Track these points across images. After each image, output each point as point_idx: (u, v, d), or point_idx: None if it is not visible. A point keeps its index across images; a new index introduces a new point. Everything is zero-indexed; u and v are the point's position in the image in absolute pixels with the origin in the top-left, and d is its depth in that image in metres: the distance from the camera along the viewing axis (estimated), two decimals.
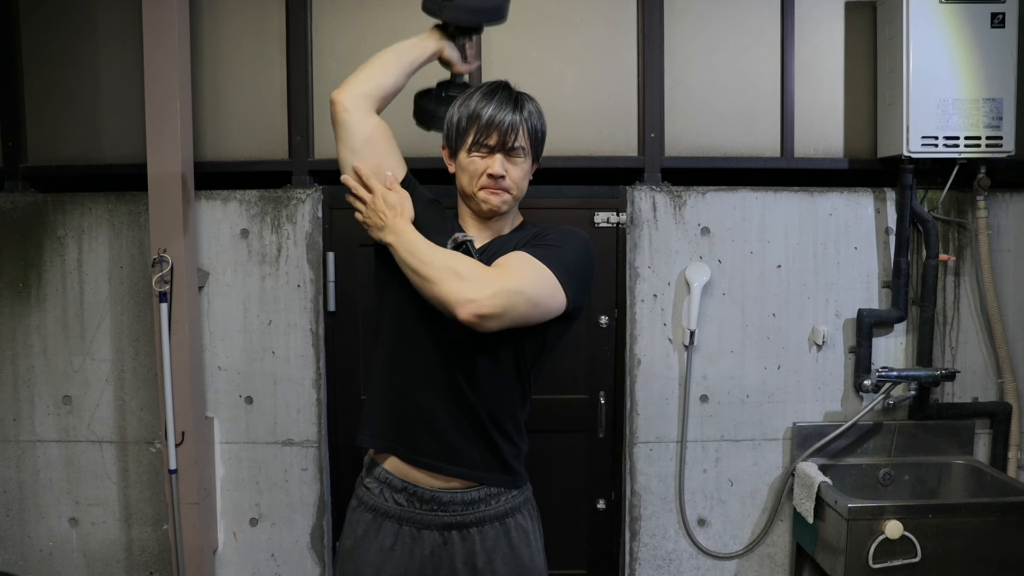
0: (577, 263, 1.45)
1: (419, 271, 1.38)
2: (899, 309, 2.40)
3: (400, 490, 1.49)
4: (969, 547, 2.07)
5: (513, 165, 1.49)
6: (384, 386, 1.53)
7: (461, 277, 1.33)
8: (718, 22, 2.47)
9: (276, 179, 2.46)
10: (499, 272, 1.36)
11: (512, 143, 1.47)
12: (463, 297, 1.32)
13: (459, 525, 1.48)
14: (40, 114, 2.49)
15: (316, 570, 2.46)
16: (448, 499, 1.48)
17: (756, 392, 2.45)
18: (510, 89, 1.52)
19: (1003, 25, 2.28)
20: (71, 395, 2.45)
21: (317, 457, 2.44)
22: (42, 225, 2.43)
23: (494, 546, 1.49)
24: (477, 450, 1.48)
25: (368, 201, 1.49)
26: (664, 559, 2.47)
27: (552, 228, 1.52)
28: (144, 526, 2.47)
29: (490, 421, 1.48)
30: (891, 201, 2.44)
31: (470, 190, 1.50)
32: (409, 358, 1.49)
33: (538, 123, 1.52)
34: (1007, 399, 2.45)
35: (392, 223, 1.46)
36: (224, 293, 2.42)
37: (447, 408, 1.47)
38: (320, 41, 2.45)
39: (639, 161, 2.46)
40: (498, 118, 1.45)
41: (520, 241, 1.50)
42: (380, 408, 1.53)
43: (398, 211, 1.47)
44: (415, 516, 1.48)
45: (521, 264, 1.39)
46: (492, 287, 1.32)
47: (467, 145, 1.49)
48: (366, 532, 1.51)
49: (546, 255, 1.41)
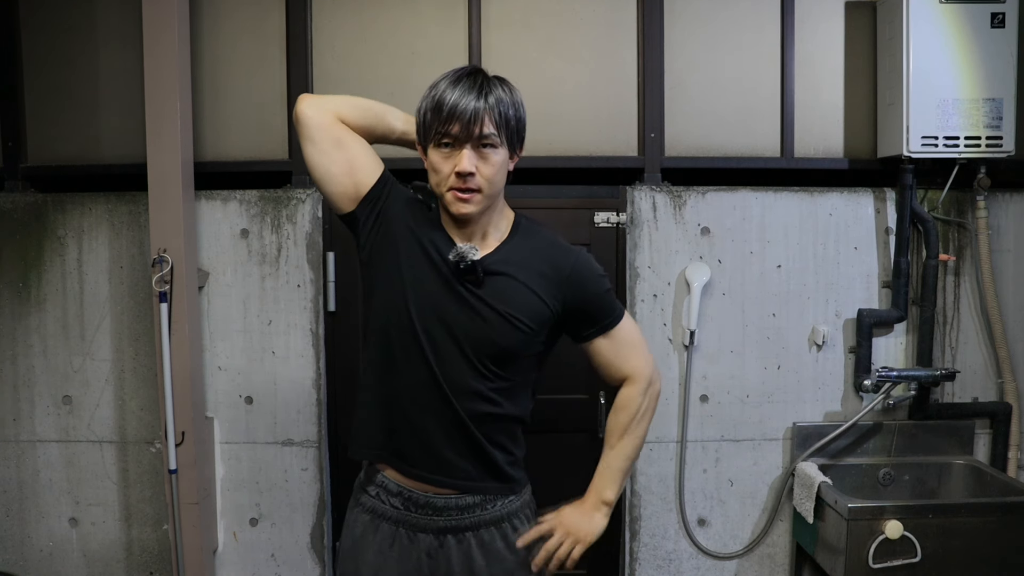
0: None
1: (640, 444, 1.59)
2: (899, 309, 2.40)
3: (396, 494, 1.48)
4: (969, 547, 2.07)
5: (483, 160, 1.35)
6: (373, 399, 1.48)
7: (648, 384, 1.54)
8: (718, 22, 2.47)
9: (276, 179, 2.46)
10: (645, 360, 1.55)
11: (478, 133, 1.33)
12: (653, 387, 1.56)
13: (454, 529, 1.46)
14: (40, 114, 2.49)
15: (316, 570, 2.46)
16: (443, 504, 1.45)
17: (756, 392, 2.45)
18: (478, 74, 1.38)
19: (1003, 25, 2.28)
20: (71, 395, 2.45)
21: (317, 457, 2.44)
22: (42, 225, 2.43)
23: (491, 550, 1.47)
24: (470, 462, 1.45)
25: (564, 553, 1.49)
26: (664, 559, 2.47)
27: (577, 268, 1.46)
28: (144, 526, 2.47)
29: (482, 435, 1.44)
30: (891, 201, 2.44)
31: (439, 191, 1.39)
32: (397, 373, 1.44)
33: (510, 110, 1.37)
34: (1007, 399, 2.45)
35: (595, 522, 1.54)
36: (224, 293, 2.42)
37: (437, 422, 1.43)
38: (320, 41, 2.45)
39: (639, 161, 2.46)
40: (460, 106, 1.32)
41: (540, 268, 1.43)
42: (370, 421, 1.49)
43: (578, 531, 1.50)
44: (411, 519, 1.47)
45: (641, 341, 1.57)
46: (653, 372, 1.57)
47: (432, 138, 1.37)
48: (364, 533, 1.50)
49: (623, 316, 1.53)
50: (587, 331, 1.50)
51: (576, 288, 1.45)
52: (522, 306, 1.41)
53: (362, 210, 1.46)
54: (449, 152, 1.36)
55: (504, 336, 1.40)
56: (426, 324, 1.40)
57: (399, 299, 1.42)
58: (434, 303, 1.41)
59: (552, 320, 1.45)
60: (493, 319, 1.40)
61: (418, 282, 1.42)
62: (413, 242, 1.44)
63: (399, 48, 2.44)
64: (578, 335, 1.51)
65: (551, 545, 1.48)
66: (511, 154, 1.41)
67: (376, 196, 1.46)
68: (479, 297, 1.40)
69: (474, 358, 1.40)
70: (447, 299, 1.41)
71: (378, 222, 1.46)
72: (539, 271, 1.44)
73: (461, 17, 2.43)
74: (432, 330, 1.40)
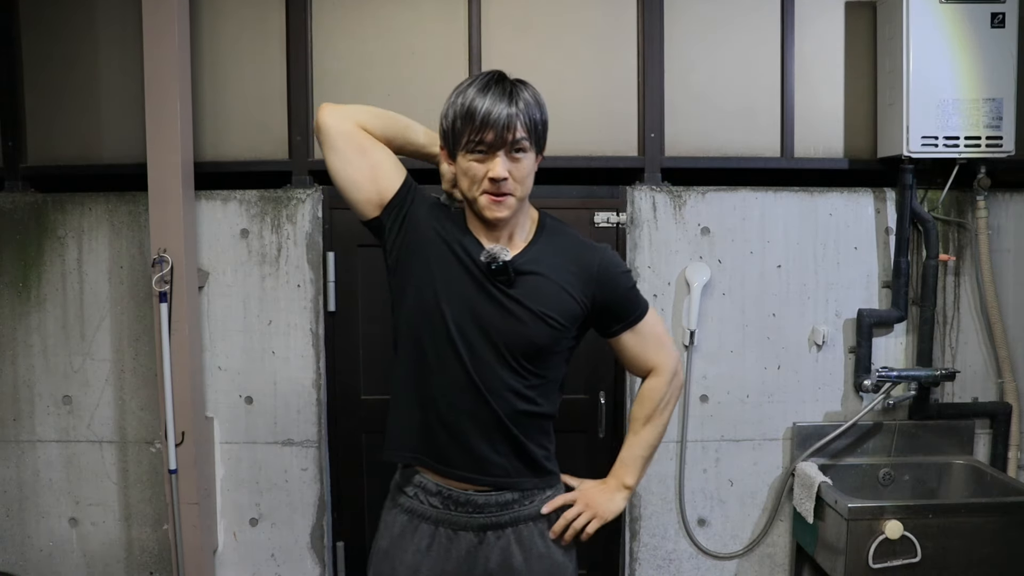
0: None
1: (662, 434, 1.65)
2: (899, 309, 2.40)
3: (435, 494, 1.49)
4: (969, 547, 2.07)
5: (516, 163, 1.39)
6: (407, 400, 1.49)
7: (672, 376, 1.61)
8: (718, 22, 2.47)
9: (276, 179, 2.46)
10: (670, 352, 1.62)
11: (511, 139, 1.37)
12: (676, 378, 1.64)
13: (495, 525, 1.48)
14: (40, 114, 2.49)
15: (316, 570, 2.46)
16: (483, 501, 1.48)
17: (756, 392, 2.45)
18: (504, 80, 1.41)
19: (1003, 25, 2.28)
20: (71, 395, 2.46)
21: (317, 457, 2.44)
22: (42, 225, 2.43)
23: (530, 545, 1.49)
24: (508, 459, 1.47)
25: (580, 523, 1.53)
26: (664, 559, 2.47)
27: (604, 265, 1.50)
28: (144, 526, 2.47)
29: (519, 432, 1.46)
30: (891, 201, 2.44)
31: (471, 196, 1.41)
32: (432, 373, 1.45)
33: (537, 113, 1.40)
34: (1007, 399, 2.45)
35: (614, 503, 1.59)
36: (224, 293, 2.42)
37: (474, 421, 1.45)
38: (320, 40, 2.45)
39: (639, 161, 2.46)
40: (493, 114, 1.34)
41: (569, 266, 1.47)
42: (405, 422, 1.50)
43: (597, 507, 1.55)
44: (451, 518, 1.48)
45: (666, 334, 1.64)
46: (677, 364, 1.64)
47: (463, 145, 1.39)
48: (402, 533, 1.50)
49: (648, 310, 1.59)
50: (615, 326, 1.55)
51: (604, 285, 1.50)
52: (554, 304, 1.45)
53: (387, 215, 1.48)
54: (482, 158, 1.39)
55: (538, 334, 1.44)
56: (460, 325, 1.42)
57: (431, 302, 1.43)
58: (468, 304, 1.43)
59: (582, 316, 1.49)
60: (526, 317, 1.43)
61: (450, 284, 1.44)
62: (442, 245, 1.46)
63: (399, 48, 2.44)
64: (606, 330, 1.56)
65: (571, 514, 1.53)
66: (537, 155, 1.45)
67: (400, 201, 1.48)
68: (511, 297, 1.43)
69: (509, 357, 1.43)
70: (480, 300, 1.43)
71: (404, 227, 1.48)
72: (568, 269, 1.48)
73: (461, 17, 2.43)
74: (466, 331, 1.42)
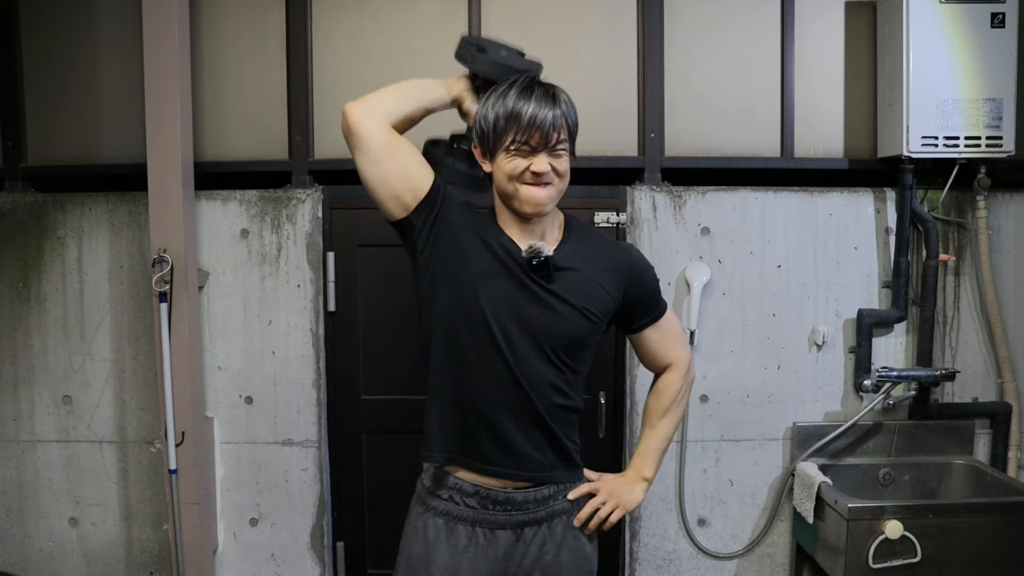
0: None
1: (677, 426, 1.72)
2: (899, 309, 2.40)
3: (472, 494, 1.50)
4: (969, 547, 2.07)
5: (556, 159, 1.44)
6: (443, 400, 1.51)
7: (687, 370, 1.68)
8: (718, 22, 2.47)
9: (276, 179, 2.46)
10: (685, 348, 1.70)
11: (556, 139, 1.42)
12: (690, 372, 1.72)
13: (532, 522, 1.51)
14: (40, 114, 2.49)
15: (316, 570, 2.46)
16: (522, 499, 1.50)
17: (756, 392, 2.45)
18: (544, 83, 1.47)
19: (1003, 25, 2.28)
20: (71, 395, 2.46)
21: (317, 457, 2.44)
22: (42, 225, 2.43)
23: (563, 539, 1.53)
24: (544, 454, 1.50)
25: (605, 512, 1.58)
26: (664, 559, 2.47)
27: (633, 261, 1.57)
28: (144, 526, 2.47)
29: (556, 426, 1.50)
30: (891, 201, 2.44)
31: (510, 188, 1.45)
32: (471, 369, 1.47)
33: (573, 115, 1.48)
34: (1007, 399, 2.45)
35: (635, 493, 1.65)
36: (224, 293, 2.42)
37: (513, 416, 1.47)
38: (320, 41, 2.45)
39: (639, 161, 2.46)
40: (540, 117, 1.40)
41: (601, 263, 1.53)
42: (442, 423, 1.51)
43: (619, 497, 1.60)
44: (489, 517, 1.50)
45: (682, 330, 1.72)
46: (690, 358, 1.71)
47: (506, 145, 1.43)
48: (438, 537, 1.51)
49: (668, 307, 1.67)
50: (640, 321, 1.61)
51: (636, 280, 1.56)
52: (592, 298, 1.50)
53: (418, 216, 1.49)
54: (523, 157, 1.43)
55: (577, 327, 1.48)
56: (501, 321, 1.44)
57: (470, 298, 1.45)
58: (508, 300, 1.46)
59: (615, 310, 1.55)
60: (567, 312, 1.47)
61: (489, 280, 1.46)
62: (479, 242, 1.48)
63: (399, 47, 2.44)
64: (631, 325, 1.62)
65: (596, 502, 1.58)
66: (571, 156, 1.50)
67: (432, 201, 1.49)
68: (551, 292, 1.47)
69: (550, 351, 1.47)
70: (520, 295, 1.46)
71: (436, 226, 1.49)
72: (600, 265, 1.53)
73: (461, 17, 2.43)
74: (507, 326, 1.44)
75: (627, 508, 1.62)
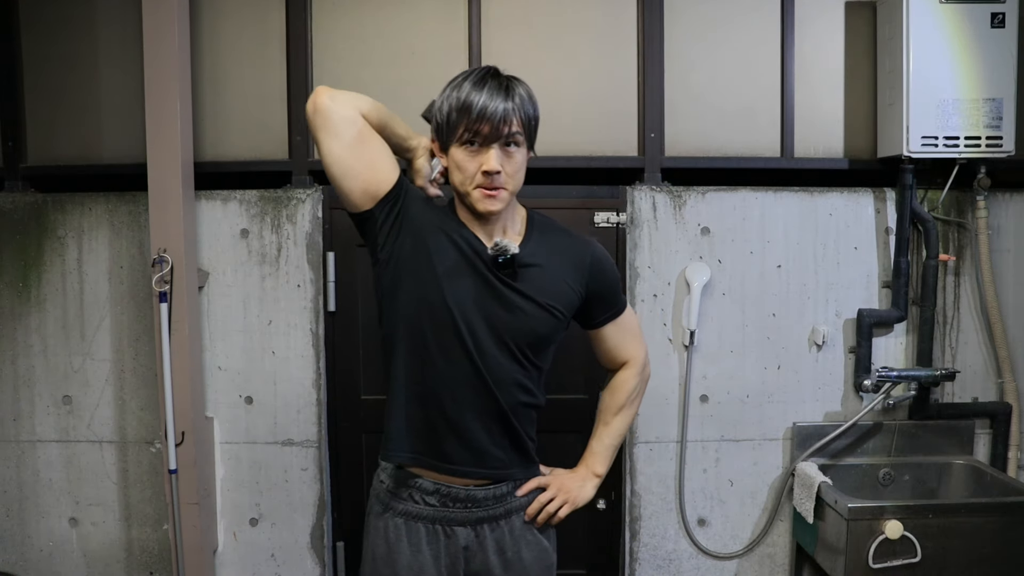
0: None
1: (630, 423, 1.73)
2: (899, 309, 2.40)
3: (433, 492, 1.50)
4: (969, 547, 2.07)
5: (508, 157, 1.42)
6: (405, 398, 1.50)
7: (643, 368, 1.70)
8: (718, 22, 2.47)
9: (276, 179, 2.46)
10: (642, 345, 1.71)
11: (506, 132, 1.39)
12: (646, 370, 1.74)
13: (491, 518, 1.52)
14: (40, 114, 2.49)
15: (316, 570, 2.46)
16: (483, 496, 1.51)
17: (756, 392, 2.45)
18: (500, 75, 1.43)
19: (1003, 25, 2.28)
20: (71, 395, 2.46)
21: (317, 457, 2.44)
22: (42, 225, 2.43)
23: (521, 535, 1.54)
24: (505, 450, 1.51)
25: (553, 507, 1.58)
26: (664, 559, 2.47)
27: (596, 257, 1.57)
28: (144, 526, 2.47)
29: (517, 423, 1.50)
30: (891, 201, 2.44)
31: (464, 189, 1.44)
32: (435, 367, 1.46)
33: (531, 108, 1.44)
34: (1007, 399, 2.45)
35: (585, 490, 1.63)
36: (224, 293, 2.42)
37: (476, 414, 1.47)
38: (320, 41, 2.45)
39: (639, 161, 2.46)
40: (490, 108, 1.37)
41: (564, 258, 1.53)
42: (403, 421, 1.50)
43: (569, 492, 1.59)
44: (449, 515, 1.50)
45: (639, 328, 1.74)
46: (647, 356, 1.73)
47: (458, 137, 1.41)
48: (399, 537, 1.51)
49: (627, 304, 1.68)
50: (601, 317, 1.61)
51: (597, 275, 1.56)
52: (556, 294, 1.50)
53: (380, 208, 1.47)
54: (475, 150, 1.41)
55: (543, 324, 1.48)
56: (468, 319, 1.44)
57: (434, 295, 1.44)
58: (473, 298, 1.45)
59: (577, 305, 1.55)
60: (533, 310, 1.47)
61: (454, 278, 1.45)
62: (443, 238, 1.47)
63: (399, 48, 2.44)
64: (591, 321, 1.61)
65: (544, 498, 1.56)
66: (528, 151, 1.47)
67: (396, 194, 1.47)
68: (516, 289, 1.46)
69: (516, 349, 1.47)
70: (486, 293, 1.45)
71: (399, 220, 1.47)
72: (563, 260, 1.52)
73: (461, 17, 2.43)
74: (474, 325, 1.44)
75: (576, 504, 1.61)
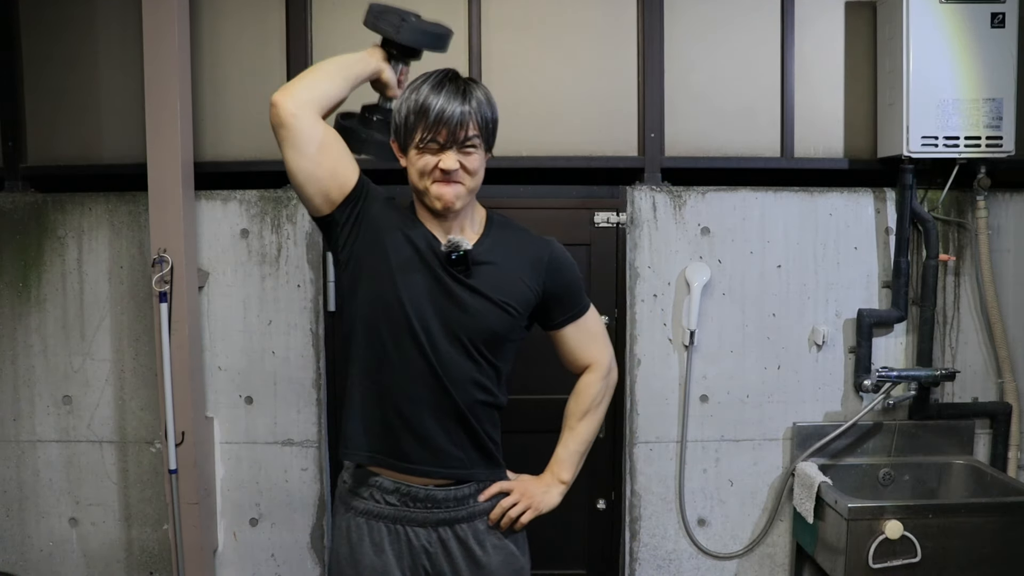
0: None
1: (597, 429, 1.67)
2: (899, 309, 2.40)
3: (392, 491, 1.49)
4: (969, 547, 2.07)
5: (465, 158, 1.42)
6: (363, 397, 1.49)
7: (607, 372, 1.66)
8: (718, 22, 2.47)
9: (276, 179, 2.46)
10: (606, 349, 1.67)
11: (463, 136, 1.40)
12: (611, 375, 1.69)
13: (451, 521, 1.49)
14: (40, 114, 2.49)
15: (316, 570, 2.46)
16: (443, 496, 1.49)
17: (756, 392, 2.45)
18: (458, 79, 1.44)
19: (1003, 25, 2.28)
20: (71, 395, 2.46)
21: (317, 457, 2.44)
22: (42, 225, 2.43)
23: (486, 539, 1.51)
24: (464, 450, 1.49)
25: (515, 513, 1.55)
26: (664, 559, 2.47)
27: (554, 255, 1.55)
28: (144, 526, 2.47)
29: (476, 423, 1.49)
30: (891, 201, 2.44)
31: (421, 186, 1.44)
32: (391, 365, 1.46)
33: (488, 111, 1.45)
34: (1007, 399, 2.45)
35: (550, 496, 1.60)
36: (224, 293, 2.42)
37: (433, 413, 1.46)
38: (320, 41, 2.45)
39: (639, 161, 2.46)
40: (447, 112, 1.38)
41: (522, 256, 1.51)
42: (361, 421, 1.50)
43: (532, 498, 1.56)
44: (409, 515, 1.48)
45: (604, 331, 1.69)
46: (612, 361, 1.69)
47: (416, 141, 1.42)
48: (360, 537, 1.50)
49: (590, 306, 1.64)
50: (560, 318, 1.59)
51: (555, 275, 1.55)
52: (511, 292, 1.49)
53: (341, 212, 1.49)
54: (432, 154, 1.42)
55: (498, 322, 1.48)
56: (421, 315, 1.44)
57: (390, 294, 1.45)
58: (427, 295, 1.45)
59: (534, 304, 1.53)
60: (485, 306, 1.46)
61: (408, 276, 1.45)
62: (400, 236, 1.48)
63: None
64: (550, 322, 1.60)
65: (507, 503, 1.54)
66: (486, 153, 1.48)
67: (356, 197, 1.49)
68: (469, 286, 1.46)
69: (470, 346, 1.46)
70: (439, 290, 1.46)
71: (359, 222, 1.49)
72: (520, 259, 1.52)
73: (461, 17, 2.43)
74: (428, 321, 1.44)
75: (539, 510, 1.58)
